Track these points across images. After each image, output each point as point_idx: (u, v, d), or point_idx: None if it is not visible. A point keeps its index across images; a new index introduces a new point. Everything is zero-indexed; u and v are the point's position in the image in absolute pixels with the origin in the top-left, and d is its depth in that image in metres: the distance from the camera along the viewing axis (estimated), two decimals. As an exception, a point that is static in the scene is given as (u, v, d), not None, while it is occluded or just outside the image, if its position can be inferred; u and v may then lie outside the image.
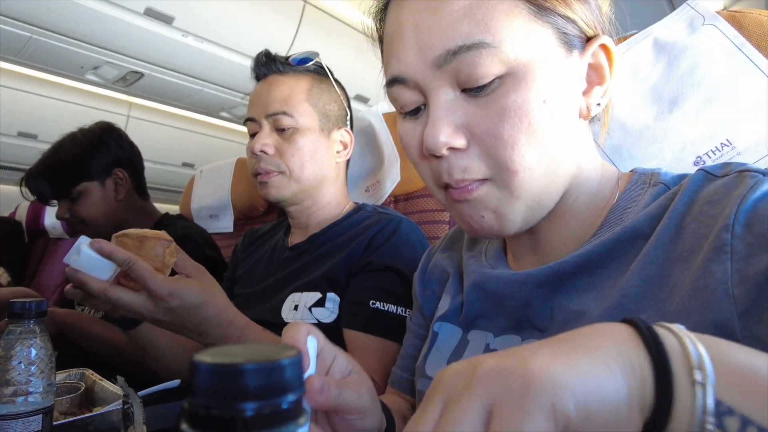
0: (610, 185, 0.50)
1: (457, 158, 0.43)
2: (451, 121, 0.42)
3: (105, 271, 0.61)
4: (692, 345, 0.25)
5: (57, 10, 1.93)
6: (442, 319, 0.58)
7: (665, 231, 0.42)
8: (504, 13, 0.41)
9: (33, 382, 0.52)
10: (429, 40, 0.42)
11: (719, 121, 0.59)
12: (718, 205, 0.39)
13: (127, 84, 2.57)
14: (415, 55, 0.43)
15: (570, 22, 0.43)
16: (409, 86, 0.45)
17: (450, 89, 0.43)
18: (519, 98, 0.41)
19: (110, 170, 1.27)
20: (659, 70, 0.64)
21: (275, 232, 1.08)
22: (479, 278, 0.55)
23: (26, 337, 0.54)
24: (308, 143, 0.90)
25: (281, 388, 0.18)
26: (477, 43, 0.40)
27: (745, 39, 0.59)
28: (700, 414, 0.23)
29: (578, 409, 0.22)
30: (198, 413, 0.18)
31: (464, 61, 0.41)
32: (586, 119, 0.47)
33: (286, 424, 0.19)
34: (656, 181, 0.47)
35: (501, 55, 0.40)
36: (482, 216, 0.45)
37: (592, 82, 0.46)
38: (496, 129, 0.41)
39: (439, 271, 0.65)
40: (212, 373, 0.18)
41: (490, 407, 0.23)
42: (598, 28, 0.46)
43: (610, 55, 0.46)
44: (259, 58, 0.94)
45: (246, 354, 0.19)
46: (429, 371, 0.56)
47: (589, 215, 0.49)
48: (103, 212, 1.25)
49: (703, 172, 0.44)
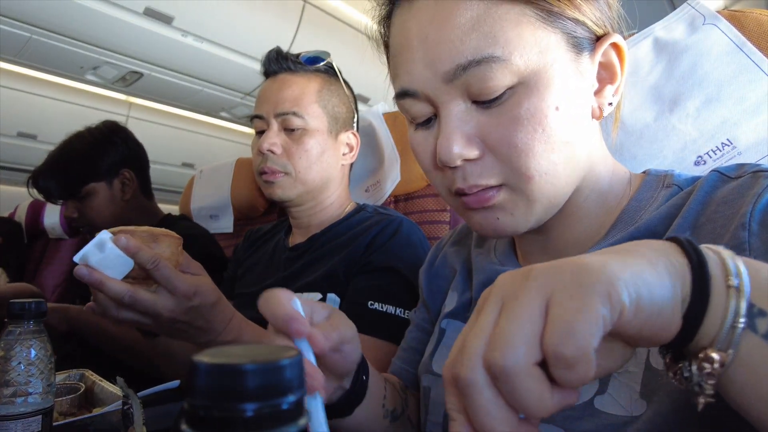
0: (622, 185, 0.50)
1: (471, 166, 0.43)
2: (464, 132, 0.42)
3: (119, 270, 0.58)
4: (730, 258, 0.27)
5: (56, 10, 1.93)
6: (449, 315, 0.58)
7: (679, 231, 0.42)
8: (512, 22, 0.40)
9: (32, 383, 0.52)
10: (438, 55, 0.41)
11: (720, 120, 0.59)
12: (734, 205, 0.39)
13: (127, 84, 2.58)
14: (424, 69, 0.43)
15: (579, 25, 0.43)
16: (420, 99, 0.44)
17: (461, 101, 0.43)
18: (532, 107, 0.40)
19: (117, 170, 1.27)
20: (660, 70, 0.64)
21: (276, 233, 1.08)
22: (489, 275, 0.54)
23: (26, 337, 0.53)
24: (316, 145, 0.90)
25: (281, 389, 0.18)
26: (486, 57, 0.40)
27: (745, 38, 0.59)
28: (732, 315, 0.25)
29: (630, 301, 0.24)
30: (198, 414, 0.18)
31: (474, 75, 0.40)
32: (599, 119, 0.46)
33: (286, 424, 0.18)
34: (670, 182, 0.47)
35: (511, 66, 0.40)
36: (497, 218, 0.45)
37: (604, 81, 0.46)
38: (510, 137, 0.41)
39: (446, 266, 0.64)
40: (212, 373, 0.18)
41: (548, 299, 0.25)
42: (607, 26, 0.46)
43: (621, 53, 0.46)
44: (270, 55, 0.93)
45: (246, 354, 0.19)
46: (436, 368, 0.55)
47: (599, 215, 0.48)
48: (111, 212, 1.26)
49: (717, 174, 0.43)
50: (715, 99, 0.60)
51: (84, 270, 0.57)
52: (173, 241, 0.62)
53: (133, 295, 0.57)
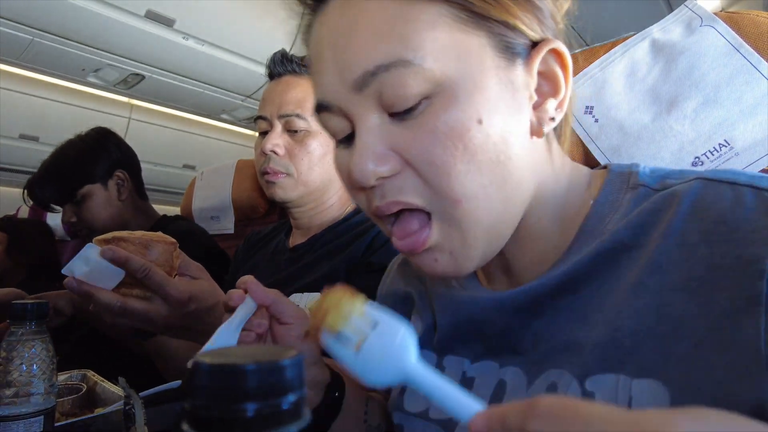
0: (581, 192, 0.45)
1: (389, 183, 0.38)
2: (379, 148, 0.38)
3: (111, 280, 0.57)
4: None
5: (58, 12, 1.94)
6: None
7: (662, 251, 0.36)
8: (427, 24, 0.36)
9: (34, 384, 0.53)
10: (346, 62, 0.37)
11: (717, 121, 0.60)
12: (738, 232, 0.33)
13: (129, 86, 2.58)
14: (334, 78, 0.38)
15: (510, 28, 0.38)
16: (335, 112, 0.40)
17: (376, 114, 0.38)
18: (450, 119, 0.36)
19: (111, 172, 1.29)
20: (657, 71, 0.65)
21: (276, 234, 1.09)
22: (450, 301, 0.49)
23: (27, 338, 0.54)
24: (318, 147, 0.91)
25: (282, 389, 0.19)
26: (396, 61, 0.35)
27: (742, 40, 0.59)
28: None
29: None
30: (199, 414, 0.18)
31: (385, 82, 0.36)
32: (539, 137, 0.41)
33: (286, 424, 0.19)
34: (636, 182, 0.42)
35: (425, 72, 0.35)
36: (435, 260, 0.40)
37: (545, 94, 0.41)
38: (428, 154, 0.36)
39: (397, 298, 0.58)
40: (213, 373, 0.18)
41: None
42: (547, 32, 0.40)
43: (564, 62, 0.40)
44: (275, 57, 0.94)
45: (246, 355, 0.19)
46: (409, 406, 0.50)
47: (558, 231, 0.44)
48: (108, 214, 1.27)
49: (702, 181, 0.38)
50: (712, 100, 0.60)
51: (73, 282, 0.57)
52: (167, 246, 0.62)
53: (124, 306, 0.57)
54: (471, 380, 0.46)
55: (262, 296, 0.46)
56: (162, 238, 0.62)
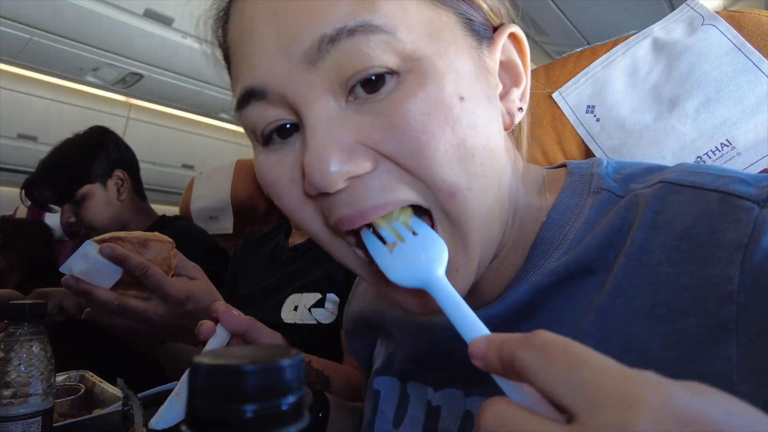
0: (535, 195, 0.40)
1: (362, 182, 0.31)
2: (342, 141, 0.30)
3: (109, 278, 0.58)
4: None
5: (57, 11, 1.93)
6: (379, 372, 0.49)
7: (626, 273, 0.32)
8: None
9: (32, 384, 0.52)
10: (294, 29, 0.30)
11: (719, 121, 0.59)
12: (704, 248, 0.30)
13: (127, 85, 2.58)
14: (276, 53, 0.31)
15: (474, 8, 0.35)
16: (272, 101, 0.32)
17: (331, 99, 0.31)
18: (429, 97, 0.30)
19: (110, 172, 1.28)
20: (659, 71, 0.64)
21: (275, 234, 1.09)
22: (409, 326, 0.46)
23: (25, 339, 0.53)
24: None
25: (281, 390, 0.18)
26: (363, 25, 0.29)
27: (744, 39, 0.59)
28: None
29: None
30: (197, 414, 0.18)
31: (347, 51, 0.29)
32: (509, 129, 0.37)
33: (285, 425, 0.18)
34: (598, 185, 0.37)
35: (396, 44, 0.30)
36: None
37: (507, 85, 0.38)
38: (407, 141, 0.30)
39: (360, 321, 0.55)
40: (212, 374, 0.18)
41: None
42: (504, 16, 0.38)
43: (521, 48, 0.37)
44: None
45: (246, 355, 0.19)
46: None
47: (516, 239, 0.39)
48: (108, 214, 1.26)
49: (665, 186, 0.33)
50: (714, 99, 0.60)
51: (71, 280, 0.57)
52: (164, 245, 0.62)
53: (121, 303, 0.57)
54: (437, 410, 0.43)
55: (234, 325, 0.46)
56: (159, 237, 0.63)
